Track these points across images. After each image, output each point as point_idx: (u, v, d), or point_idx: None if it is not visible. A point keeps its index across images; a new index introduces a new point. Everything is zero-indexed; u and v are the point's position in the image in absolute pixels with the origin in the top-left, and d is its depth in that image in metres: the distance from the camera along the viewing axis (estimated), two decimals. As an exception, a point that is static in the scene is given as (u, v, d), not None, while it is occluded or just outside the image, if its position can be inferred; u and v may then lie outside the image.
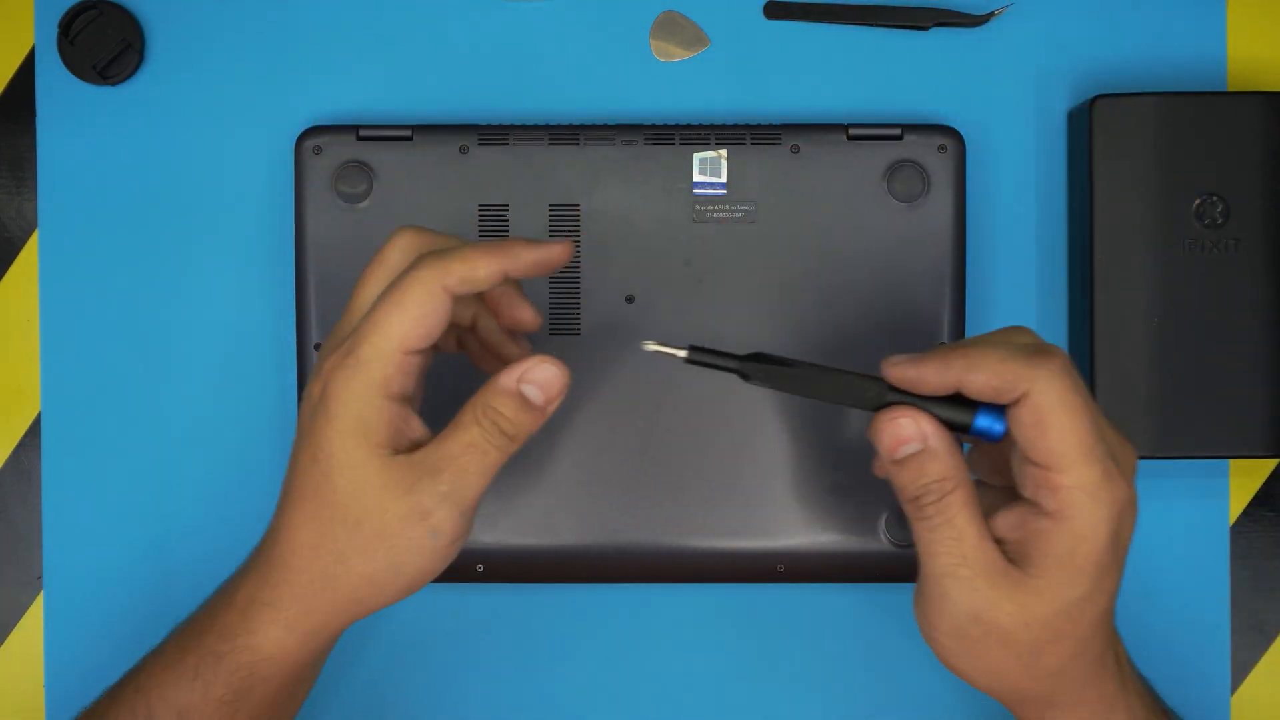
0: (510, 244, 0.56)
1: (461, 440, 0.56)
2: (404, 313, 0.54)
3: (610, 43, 0.74)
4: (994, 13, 0.73)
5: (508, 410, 0.56)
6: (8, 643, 0.74)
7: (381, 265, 0.58)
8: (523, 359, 0.56)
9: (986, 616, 0.55)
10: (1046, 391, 0.53)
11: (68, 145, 0.74)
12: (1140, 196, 0.70)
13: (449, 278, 0.55)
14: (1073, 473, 0.53)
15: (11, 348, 0.74)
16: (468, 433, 0.55)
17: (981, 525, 0.55)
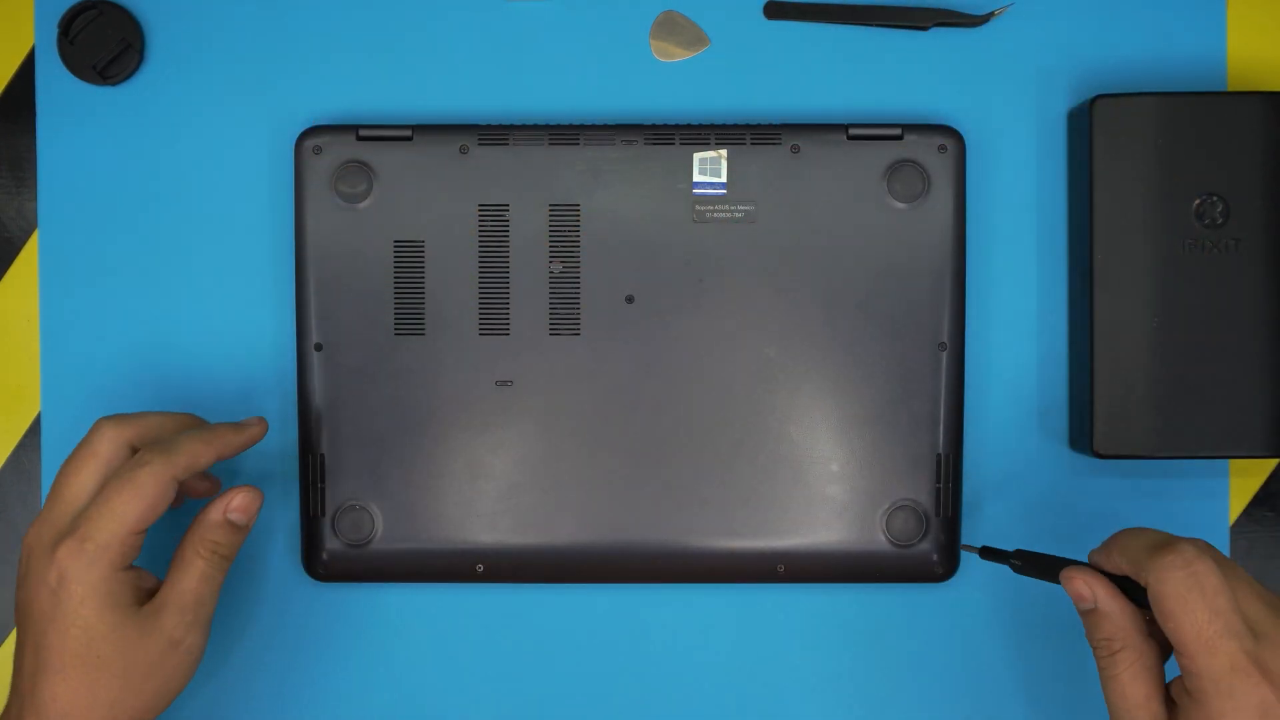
0: (218, 431, 0.66)
1: (191, 575, 0.65)
2: (140, 501, 0.63)
3: (610, 43, 0.74)
4: (994, 13, 0.73)
5: (222, 538, 0.66)
6: (8, 642, 0.74)
7: (93, 457, 0.65)
8: (220, 494, 0.67)
9: None
10: (1161, 583, 0.59)
11: (68, 145, 0.74)
12: (1140, 196, 0.70)
13: (177, 469, 0.64)
14: (1196, 660, 0.58)
15: (11, 348, 0.74)
16: (194, 567, 0.65)
17: (1148, 684, 0.61)
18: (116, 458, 0.65)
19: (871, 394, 0.71)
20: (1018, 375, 0.73)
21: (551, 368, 0.71)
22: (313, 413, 0.71)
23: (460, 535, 0.72)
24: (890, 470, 0.71)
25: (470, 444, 0.71)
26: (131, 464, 0.64)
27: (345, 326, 0.71)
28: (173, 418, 0.67)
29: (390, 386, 0.71)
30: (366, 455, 0.71)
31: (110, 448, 0.65)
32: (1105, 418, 0.70)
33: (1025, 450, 0.73)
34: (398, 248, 0.71)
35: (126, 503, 0.63)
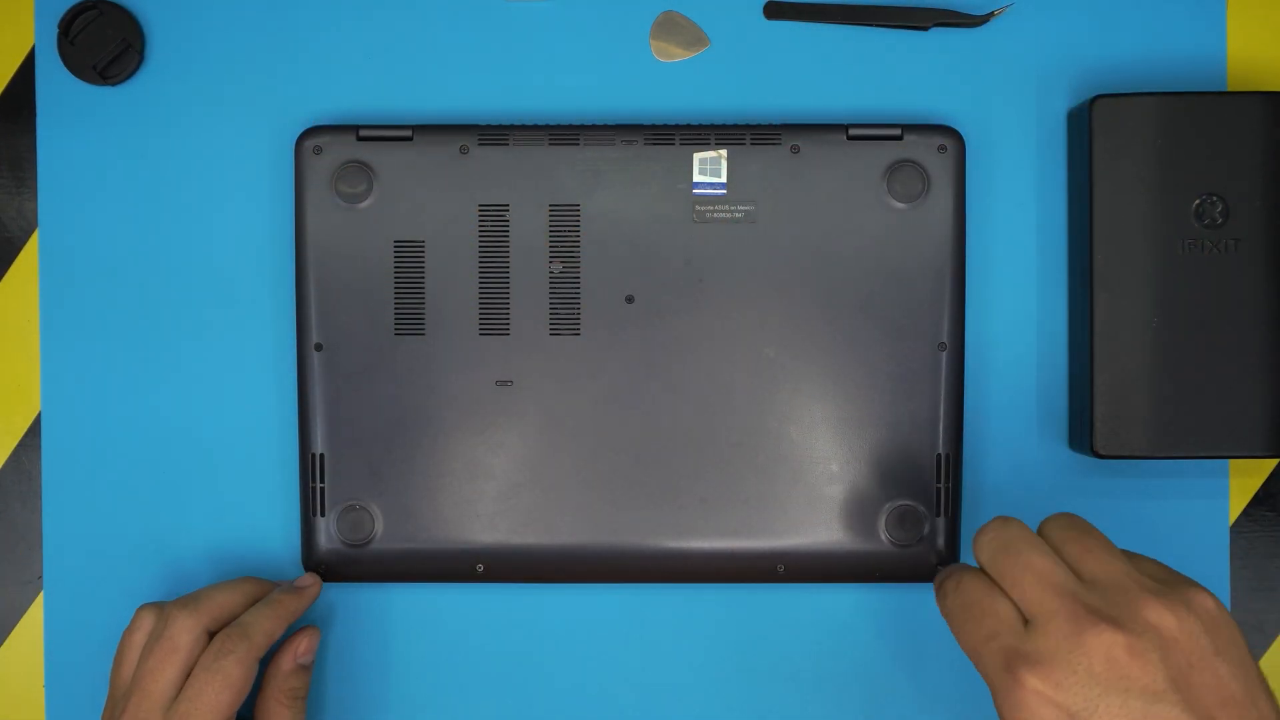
0: (283, 603, 0.70)
1: None
2: (230, 690, 0.66)
3: (610, 43, 0.74)
4: (994, 13, 0.73)
5: (297, 683, 0.70)
6: (8, 643, 0.74)
7: (174, 651, 0.67)
8: (286, 643, 0.71)
9: None
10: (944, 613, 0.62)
11: (68, 145, 0.74)
12: (1140, 196, 0.70)
13: (257, 652, 0.67)
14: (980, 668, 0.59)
15: (11, 348, 0.74)
16: (284, 715, 0.70)
17: None
18: (196, 647, 0.67)
19: (871, 394, 0.71)
20: (1018, 375, 0.73)
21: (551, 368, 0.71)
22: (313, 413, 0.71)
23: (460, 535, 0.72)
24: (890, 470, 0.71)
25: (470, 444, 0.71)
26: (215, 653, 0.67)
27: (345, 326, 0.71)
28: (237, 590, 0.70)
29: (390, 386, 0.71)
30: (366, 455, 0.71)
31: (189, 639, 0.67)
32: (1105, 418, 0.70)
33: (1025, 450, 0.73)
34: (398, 248, 0.71)
35: (218, 694, 0.66)
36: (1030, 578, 0.58)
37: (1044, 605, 0.57)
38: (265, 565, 0.74)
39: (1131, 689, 0.54)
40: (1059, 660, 0.55)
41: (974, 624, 0.58)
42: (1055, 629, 0.56)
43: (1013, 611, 0.58)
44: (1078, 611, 0.56)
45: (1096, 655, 0.55)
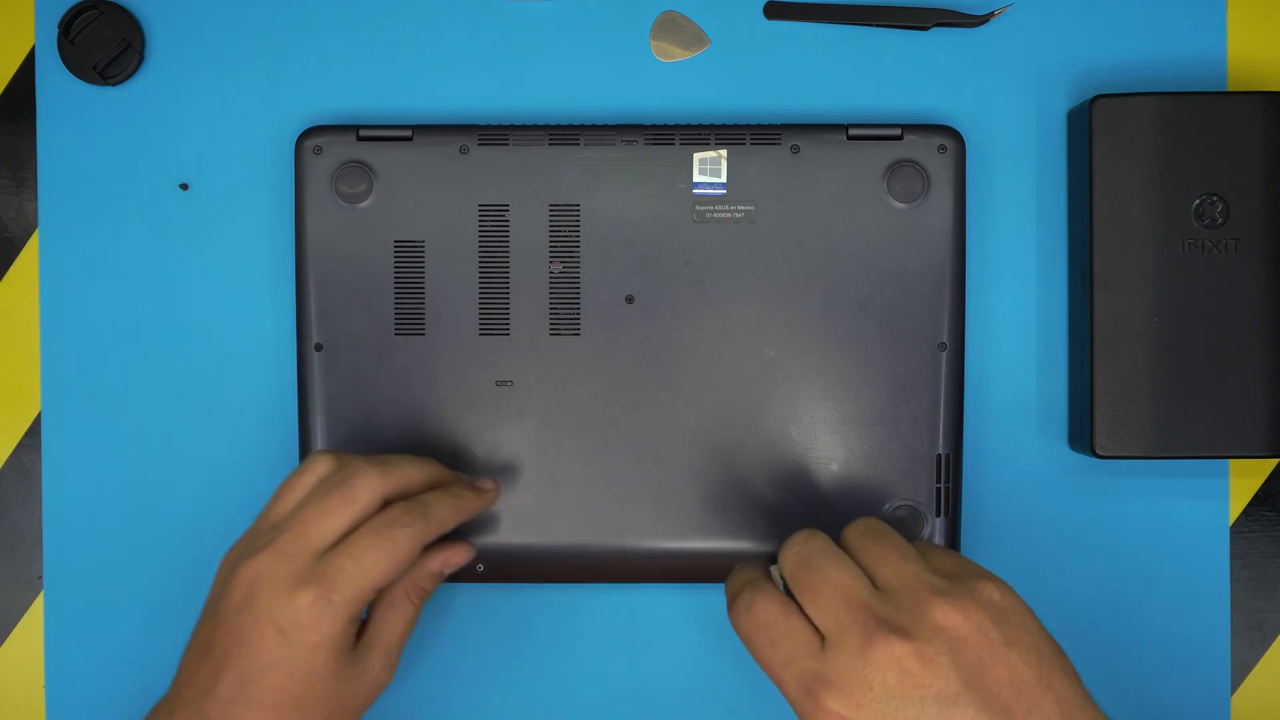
0: (463, 498, 0.67)
1: (401, 617, 0.66)
2: (392, 561, 0.62)
3: (610, 43, 0.74)
4: (994, 13, 0.73)
5: (430, 585, 0.67)
6: (8, 643, 0.74)
7: (350, 503, 0.63)
8: (441, 546, 0.67)
9: None
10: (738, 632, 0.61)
11: (68, 145, 0.74)
12: (1140, 196, 0.70)
13: (429, 535, 0.64)
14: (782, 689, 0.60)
15: (11, 348, 0.74)
16: (404, 610, 0.66)
17: None
18: (370, 508, 0.63)
19: (871, 394, 0.71)
20: (1018, 375, 0.73)
21: (551, 368, 0.71)
22: (313, 413, 0.71)
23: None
24: (890, 470, 0.71)
25: (470, 444, 0.71)
26: (388, 520, 0.63)
27: (345, 326, 0.71)
28: (422, 468, 0.66)
29: (390, 386, 0.71)
30: (366, 455, 0.71)
31: (369, 498, 0.63)
32: (1105, 418, 0.70)
33: (1025, 450, 0.73)
34: (398, 248, 0.71)
35: (378, 560, 0.62)
36: (828, 592, 0.58)
37: (839, 621, 0.57)
38: (265, 565, 0.73)
39: (926, 696, 0.55)
40: (854, 679, 0.56)
41: (771, 647, 0.58)
42: (847, 646, 0.56)
43: (808, 631, 0.58)
44: (869, 625, 0.56)
45: (889, 668, 0.55)
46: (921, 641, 0.56)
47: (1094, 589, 0.73)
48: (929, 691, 0.55)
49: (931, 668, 0.55)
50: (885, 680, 0.55)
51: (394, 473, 0.65)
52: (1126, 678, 0.73)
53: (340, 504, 0.63)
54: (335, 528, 0.63)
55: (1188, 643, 0.73)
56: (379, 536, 0.62)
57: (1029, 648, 0.57)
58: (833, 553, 0.60)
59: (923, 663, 0.55)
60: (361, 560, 0.62)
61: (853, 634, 0.56)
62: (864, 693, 0.55)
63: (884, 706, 0.55)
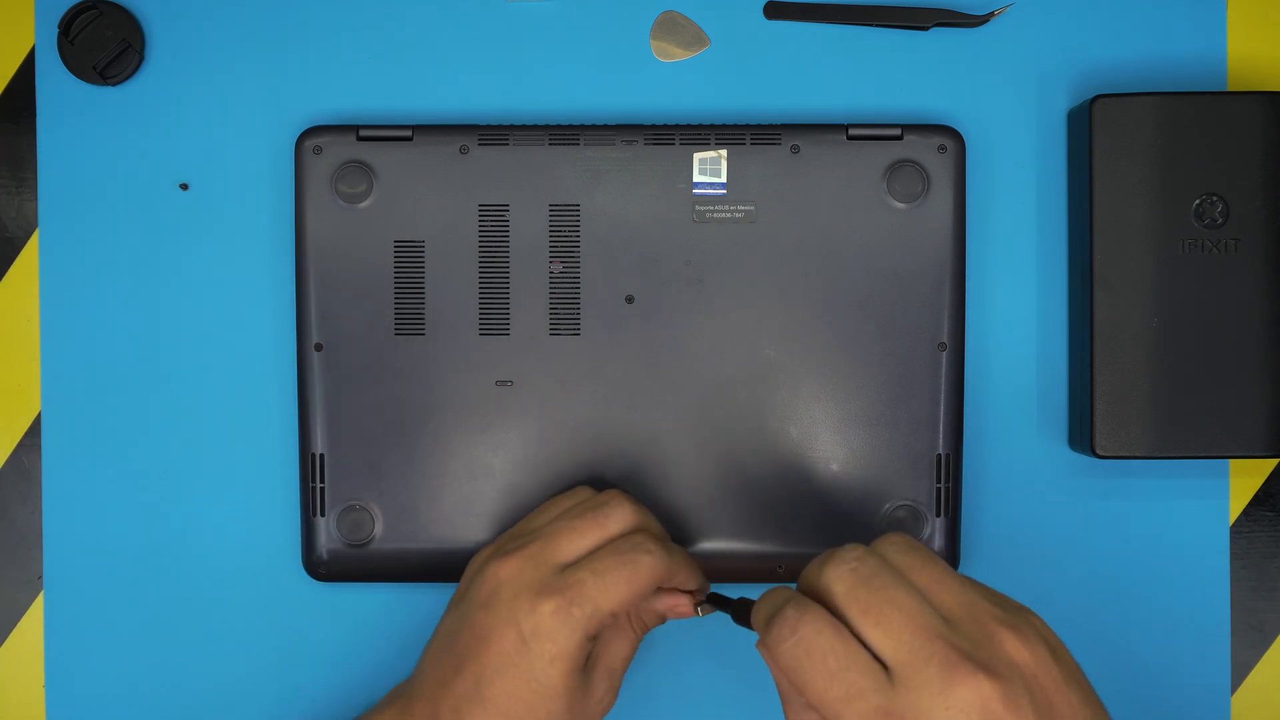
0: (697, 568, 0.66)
1: (626, 643, 0.66)
2: (634, 585, 0.62)
3: (610, 43, 0.74)
4: (994, 13, 0.73)
5: (653, 622, 0.67)
6: (8, 643, 0.74)
7: (600, 529, 0.64)
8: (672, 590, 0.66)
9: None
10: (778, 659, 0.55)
11: (68, 145, 0.74)
12: (1140, 196, 0.70)
13: (665, 574, 0.64)
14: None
15: (11, 348, 0.74)
16: (629, 636, 0.66)
17: None
18: (618, 537, 0.65)
19: (871, 394, 0.71)
20: (1018, 375, 0.73)
21: (551, 368, 0.71)
22: (313, 413, 0.71)
23: (460, 535, 0.72)
24: (890, 470, 0.71)
25: (470, 444, 0.71)
26: (632, 544, 0.64)
27: (345, 326, 0.71)
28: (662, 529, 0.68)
29: (390, 386, 0.71)
30: (366, 455, 0.71)
31: (620, 527, 0.65)
32: (1105, 418, 0.70)
33: (1025, 450, 0.73)
34: (398, 248, 0.71)
35: (619, 582, 0.62)
36: (898, 617, 0.52)
37: (913, 651, 0.52)
38: (265, 565, 0.73)
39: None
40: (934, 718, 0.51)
41: (826, 679, 0.52)
42: (926, 681, 0.51)
43: (871, 661, 0.52)
44: (950, 658, 0.51)
45: (972, 709, 0.51)
46: (1004, 680, 0.51)
47: (1094, 589, 0.73)
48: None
49: (1014, 709, 0.51)
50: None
51: (645, 513, 0.66)
52: (1126, 678, 0.73)
53: (592, 526, 0.64)
54: (583, 547, 0.64)
55: (1188, 643, 0.73)
56: (621, 558, 0.63)
57: (1081, 684, 0.54)
58: (893, 571, 0.54)
59: (1007, 704, 0.51)
60: (603, 577, 0.62)
61: (931, 667, 0.51)
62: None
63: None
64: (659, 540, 0.65)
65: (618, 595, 0.62)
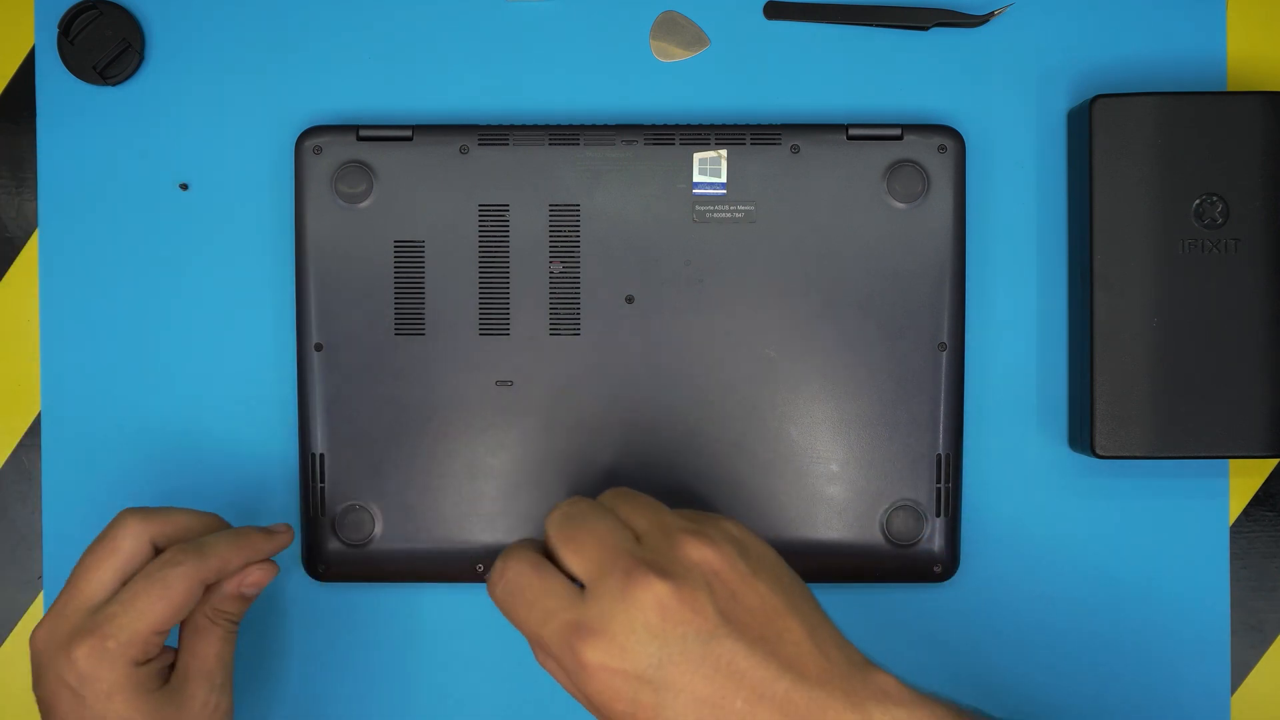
0: (249, 537, 0.66)
1: (211, 641, 0.65)
2: (166, 602, 0.62)
3: (610, 43, 0.74)
4: (994, 13, 0.73)
5: (233, 608, 0.66)
6: (8, 643, 0.74)
7: (114, 553, 0.63)
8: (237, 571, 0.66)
9: None
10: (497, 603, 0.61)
11: (68, 145, 0.74)
12: (1140, 196, 0.70)
13: (207, 573, 0.64)
14: None
15: (11, 348, 0.74)
16: (211, 634, 0.65)
17: None
18: (139, 555, 0.64)
19: (871, 394, 0.71)
20: (1018, 375, 0.73)
21: (551, 368, 0.71)
22: (313, 413, 0.71)
23: (460, 535, 0.72)
24: (890, 470, 0.71)
25: (470, 444, 0.71)
26: (161, 563, 0.63)
27: (345, 326, 0.71)
28: (198, 517, 0.66)
29: (390, 386, 0.71)
30: (366, 455, 0.71)
31: (133, 544, 0.64)
32: (1105, 418, 0.70)
33: (1025, 450, 0.73)
34: (398, 248, 0.71)
35: (153, 603, 0.62)
36: (592, 540, 0.57)
37: (600, 566, 0.56)
38: (265, 565, 0.74)
39: (688, 634, 0.55)
40: (617, 622, 0.55)
41: (527, 607, 0.58)
42: (608, 589, 0.56)
43: (565, 583, 0.57)
44: (629, 566, 0.56)
45: (650, 608, 0.55)
46: (679, 578, 0.55)
47: (1094, 589, 0.73)
48: (690, 628, 0.55)
49: (690, 603, 0.55)
50: (647, 620, 0.55)
51: (159, 519, 0.65)
52: (1126, 678, 0.73)
53: (104, 555, 0.63)
54: (105, 580, 0.63)
55: (1188, 643, 0.73)
56: (149, 580, 0.62)
57: (771, 576, 0.58)
58: (595, 507, 0.59)
59: (682, 600, 0.55)
60: (132, 604, 0.62)
61: (614, 577, 0.56)
62: (628, 635, 0.55)
63: (647, 648, 0.55)
64: (188, 548, 0.64)
65: (154, 617, 0.62)
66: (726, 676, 0.55)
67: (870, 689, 0.56)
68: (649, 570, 0.56)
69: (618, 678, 0.55)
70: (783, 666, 0.55)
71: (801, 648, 0.56)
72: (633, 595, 0.55)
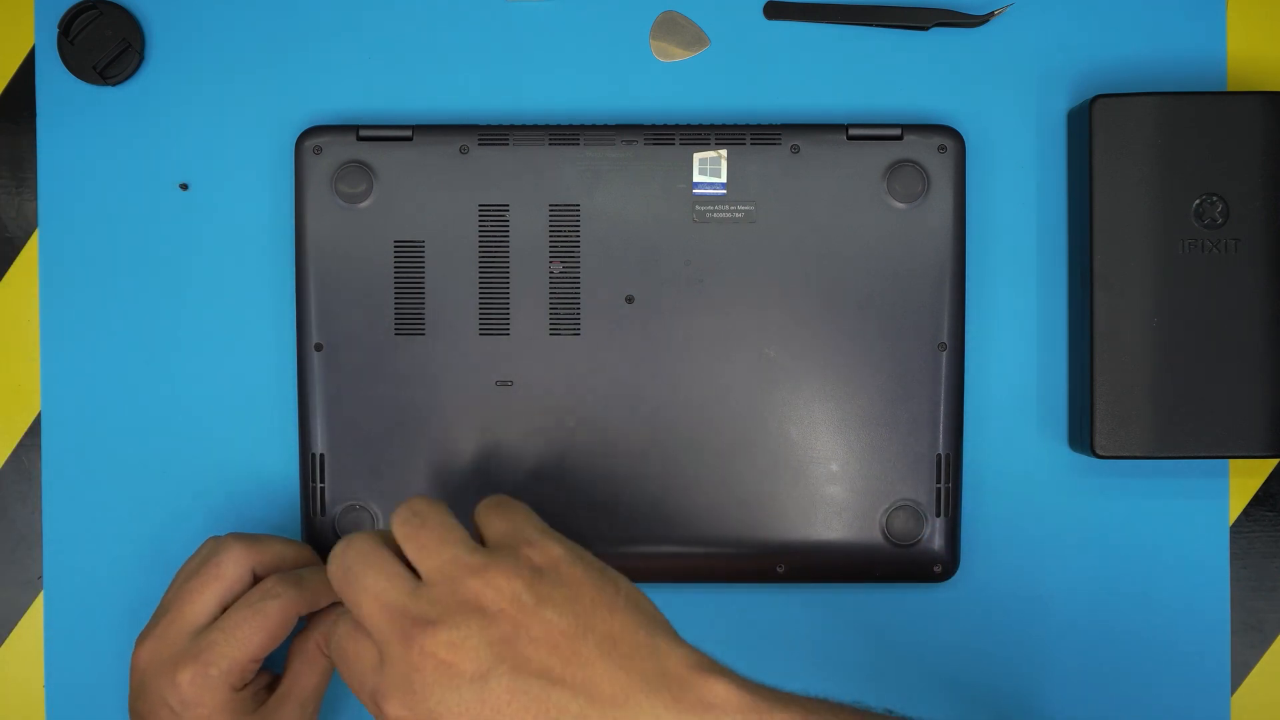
0: None
1: (315, 670, 0.68)
2: (265, 633, 0.64)
3: (610, 43, 0.74)
4: (994, 13, 0.73)
5: None
6: (8, 643, 0.74)
7: (217, 580, 0.66)
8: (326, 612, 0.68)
9: None
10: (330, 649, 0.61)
11: (68, 145, 0.74)
12: (1140, 196, 0.70)
13: (303, 606, 0.66)
14: None
15: (11, 348, 0.74)
16: (317, 664, 0.68)
17: None
18: (240, 582, 0.66)
19: (871, 394, 0.71)
20: (1018, 375, 0.73)
21: (551, 368, 0.71)
22: (313, 413, 0.71)
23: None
24: (890, 470, 0.71)
25: (470, 444, 0.71)
26: (261, 593, 0.65)
27: (345, 326, 0.71)
28: (293, 547, 0.69)
29: (390, 386, 0.71)
30: (366, 455, 0.71)
31: (235, 571, 0.66)
32: (1105, 418, 0.70)
33: (1025, 450, 0.73)
34: (398, 248, 0.71)
35: (252, 633, 0.64)
36: (368, 599, 0.57)
37: (380, 631, 0.56)
38: (265, 565, 0.74)
39: (461, 682, 0.55)
40: (401, 685, 0.55)
41: (347, 673, 0.58)
42: (392, 654, 0.56)
43: (371, 649, 0.57)
44: (404, 627, 0.56)
45: (427, 665, 0.55)
46: (450, 628, 0.55)
47: (1094, 589, 0.73)
48: (463, 677, 0.55)
49: (461, 651, 0.55)
50: (425, 676, 0.55)
51: (261, 547, 0.67)
52: (1126, 678, 0.73)
53: (208, 581, 0.66)
54: (207, 605, 0.65)
55: (1188, 643, 0.73)
56: (250, 609, 0.65)
57: (564, 599, 0.56)
58: (371, 554, 0.58)
59: (453, 648, 0.55)
60: (234, 633, 0.64)
61: (393, 641, 0.56)
62: (410, 695, 0.55)
63: (429, 705, 0.55)
64: (286, 579, 0.66)
65: (253, 644, 0.64)
66: (509, 715, 0.54)
67: (688, 701, 0.55)
68: (422, 628, 0.55)
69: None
70: (571, 693, 0.54)
71: (593, 669, 0.55)
72: (409, 657, 0.55)
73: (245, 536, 0.67)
